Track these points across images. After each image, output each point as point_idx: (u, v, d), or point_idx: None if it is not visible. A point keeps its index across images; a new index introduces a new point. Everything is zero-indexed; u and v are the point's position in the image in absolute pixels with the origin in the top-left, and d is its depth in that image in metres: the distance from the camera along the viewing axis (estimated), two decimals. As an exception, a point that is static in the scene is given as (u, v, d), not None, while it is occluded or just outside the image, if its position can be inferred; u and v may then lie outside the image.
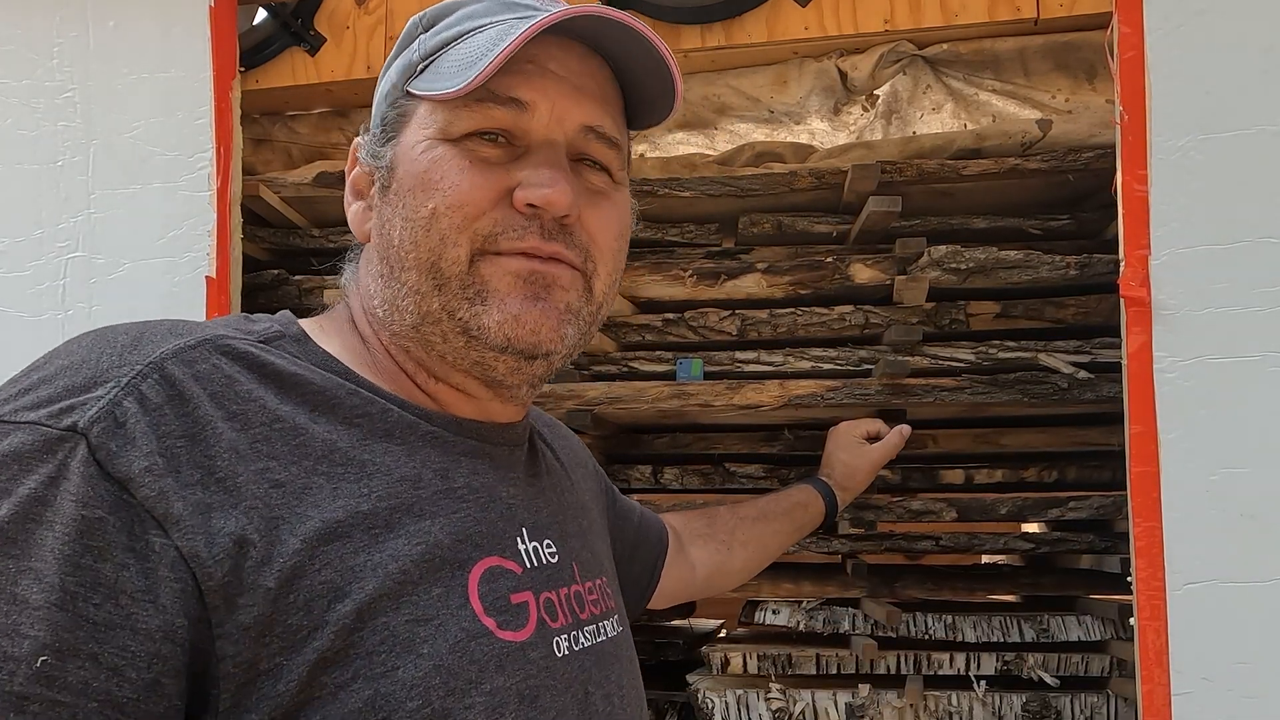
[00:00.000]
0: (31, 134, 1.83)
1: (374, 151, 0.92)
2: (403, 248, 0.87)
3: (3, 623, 0.65)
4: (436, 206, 0.85)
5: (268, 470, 0.75)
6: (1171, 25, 1.49)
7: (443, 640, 0.78)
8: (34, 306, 1.80)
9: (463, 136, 0.87)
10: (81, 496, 0.68)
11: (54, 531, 0.67)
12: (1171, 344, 1.46)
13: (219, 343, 0.80)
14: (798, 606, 1.89)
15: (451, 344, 0.88)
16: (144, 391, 0.73)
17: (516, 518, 0.92)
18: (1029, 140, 1.75)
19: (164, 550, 0.69)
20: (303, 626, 0.72)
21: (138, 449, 0.70)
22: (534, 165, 0.87)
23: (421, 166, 0.87)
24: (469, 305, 0.86)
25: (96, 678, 0.66)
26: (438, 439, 0.89)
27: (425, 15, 0.93)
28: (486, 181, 0.86)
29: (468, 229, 0.85)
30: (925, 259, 1.74)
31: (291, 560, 0.73)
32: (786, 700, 1.79)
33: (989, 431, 1.91)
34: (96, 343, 0.76)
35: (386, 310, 0.90)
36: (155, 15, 1.81)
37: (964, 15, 1.73)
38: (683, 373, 1.85)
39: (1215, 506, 1.43)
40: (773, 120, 1.93)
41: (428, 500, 0.83)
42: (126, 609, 0.68)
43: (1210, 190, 1.47)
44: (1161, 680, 1.42)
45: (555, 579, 0.93)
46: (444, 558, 0.82)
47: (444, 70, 0.87)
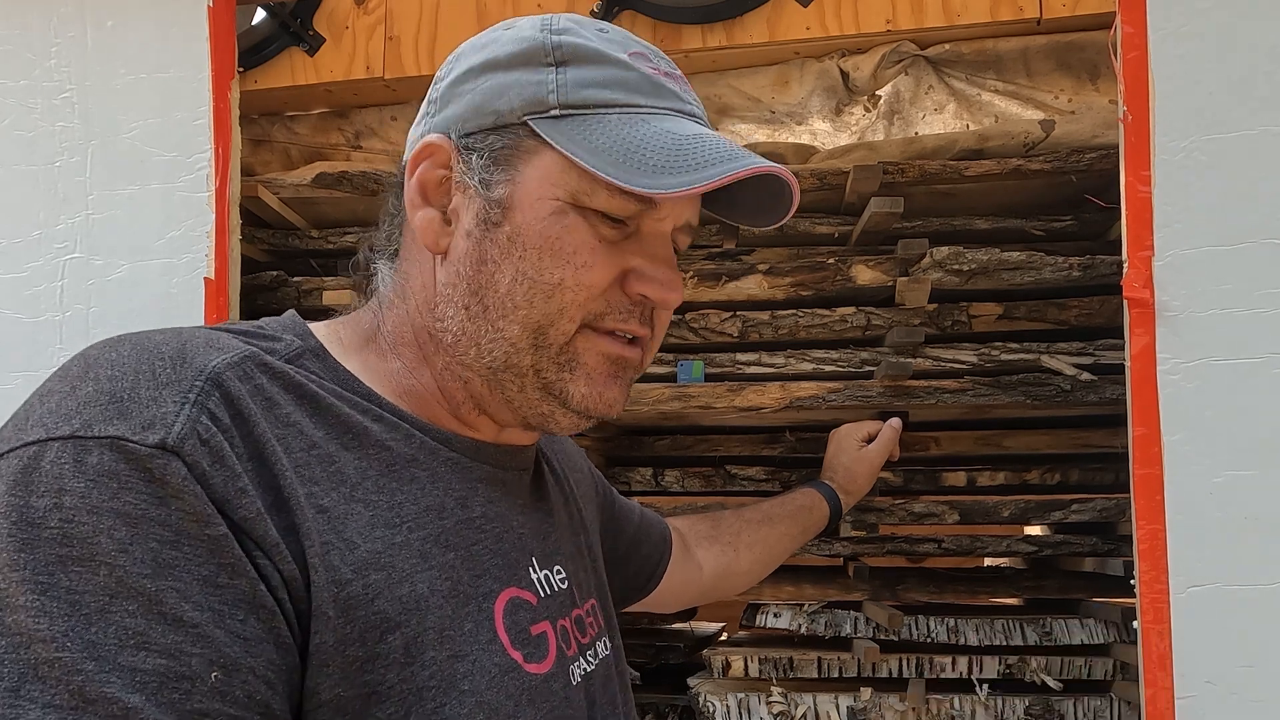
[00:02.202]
0: (29, 134, 1.82)
1: (483, 178, 0.88)
2: (512, 299, 0.87)
3: (164, 643, 0.65)
4: (565, 280, 0.86)
5: (313, 495, 0.76)
6: (1175, 25, 1.48)
7: (481, 676, 0.80)
8: (31, 308, 1.79)
9: (591, 209, 0.87)
10: (198, 514, 0.68)
11: (183, 551, 0.67)
12: (1175, 345, 1.45)
13: (259, 359, 0.80)
14: (799, 609, 1.88)
15: (527, 395, 0.91)
16: (212, 408, 0.72)
17: (527, 547, 0.94)
18: (1032, 141, 1.75)
19: (269, 572, 0.71)
20: (358, 657, 0.74)
21: (226, 469, 0.71)
22: (649, 257, 0.90)
23: (553, 232, 0.86)
24: (558, 370, 0.89)
25: (259, 689, 0.68)
26: (457, 465, 0.90)
27: (554, 44, 0.88)
28: (610, 264, 0.88)
29: (585, 307, 0.88)
30: (927, 260, 1.73)
31: (346, 589, 0.74)
32: (788, 704, 1.78)
33: (991, 434, 1.90)
34: (137, 354, 0.75)
35: (464, 344, 0.90)
36: (153, 15, 1.80)
37: (966, 15, 1.73)
38: (684, 374, 1.84)
39: (1219, 509, 1.43)
40: (774, 121, 1.93)
41: (451, 531, 0.85)
42: (268, 623, 0.70)
43: (1214, 191, 1.46)
44: (1165, 684, 1.41)
45: (565, 606, 0.95)
46: (468, 591, 0.83)
47: (601, 145, 0.84)
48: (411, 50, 1.91)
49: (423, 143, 0.91)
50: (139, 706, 0.63)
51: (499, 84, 0.88)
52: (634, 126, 0.86)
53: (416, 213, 0.91)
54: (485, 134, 0.88)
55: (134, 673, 0.64)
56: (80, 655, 0.63)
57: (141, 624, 0.65)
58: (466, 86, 0.90)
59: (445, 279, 0.91)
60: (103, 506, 0.66)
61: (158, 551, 0.66)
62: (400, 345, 0.93)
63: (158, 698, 0.64)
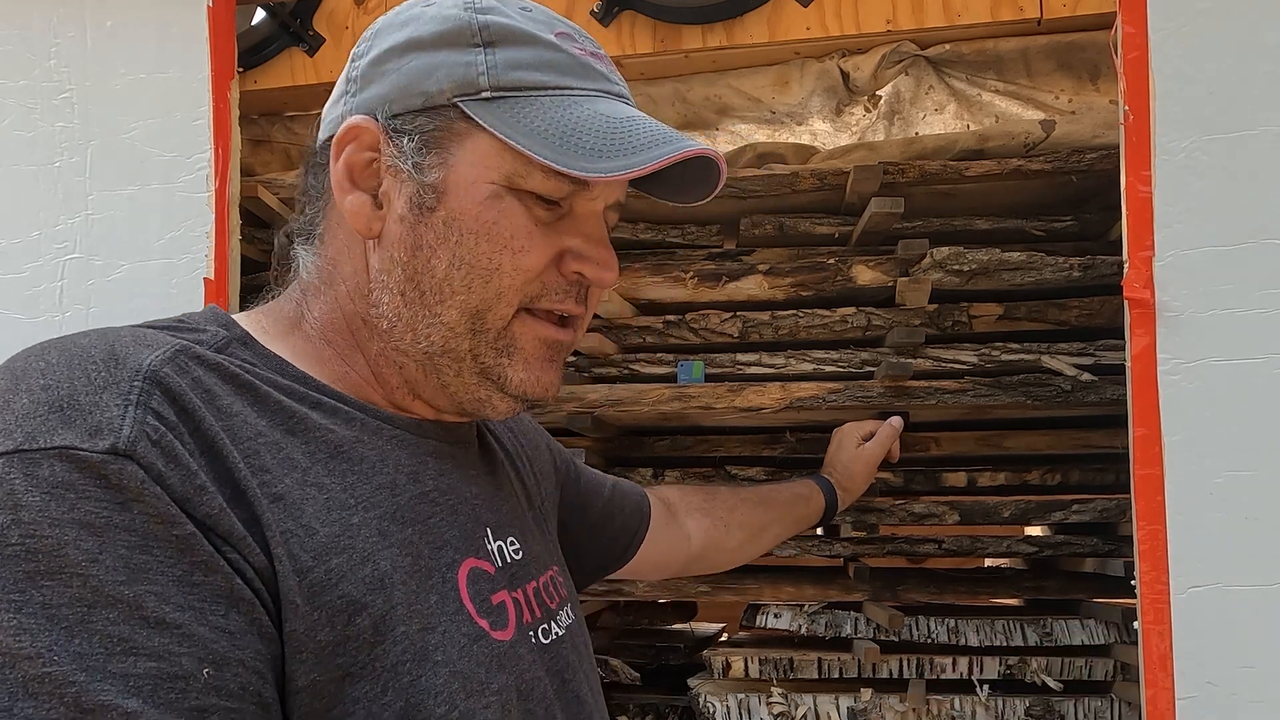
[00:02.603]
0: (29, 135, 1.82)
1: (415, 161, 0.86)
2: (449, 284, 0.86)
3: (152, 646, 0.65)
4: (502, 265, 0.86)
5: (266, 484, 0.75)
6: (1176, 25, 1.48)
7: (452, 646, 0.81)
8: (31, 308, 1.79)
9: (525, 191, 0.87)
10: (162, 516, 0.68)
11: (154, 554, 0.67)
12: (1176, 346, 1.45)
13: (191, 352, 0.78)
14: (799, 610, 1.88)
15: (464, 380, 0.90)
16: (156, 408, 0.71)
17: (481, 518, 0.94)
18: (1032, 141, 1.75)
19: (241, 565, 0.71)
20: (329, 641, 0.74)
21: (182, 467, 0.70)
22: (585, 237, 0.91)
23: (490, 216, 0.86)
24: (496, 355, 0.89)
25: (251, 680, 0.69)
26: (403, 441, 0.90)
27: (480, 24, 0.87)
28: (546, 246, 0.88)
29: (523, 290, 0.88)
30: (928, 260, 1.73)
31: (309, 576, 0.74)
32: (788, 704, 1.78)
33: (992, 434, 1.90)
34: (67, 359, 0.73)
35: (399, 329, 0.89)
36: (153, 16, 1.80)
37: (966, 15, 1.72)
38: (684, 375, 1.84)
39: (1220, 509, 1.43)
40: (774, 121, 1.93)
41: (406, 506, 0.85)
42: (248, 615, 0.70)
43: (1215, 191, 1.46)
44: (1165, 684, 1.41)
45: (522, 576, 0.95)
46: (430, 564, 0.84)
47: (535, 128, 0.84)
48: (411, 50, 1.91)
49: (347, 124, 0.89)
50: (138, 710, 0.63)
51: (425, 64, 0.87)
52: (567, 109, 0.85)
53: (346, 197, 0.89)
54: (414, 115, 0.87)
55: (127, 678, 0.64)
56: (70, 668, 0.62)
57: (125, 630, 0.64)
58: (389, 66, 0.89)
59: (379, 264, 0.89)
60: (63, 518, 0.65)
61: (128, 557, 0.66)
62: (330, 332, 0.92)
63: (155, 699, 0.64)
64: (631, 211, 1.90)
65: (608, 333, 1.89)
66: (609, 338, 1.88)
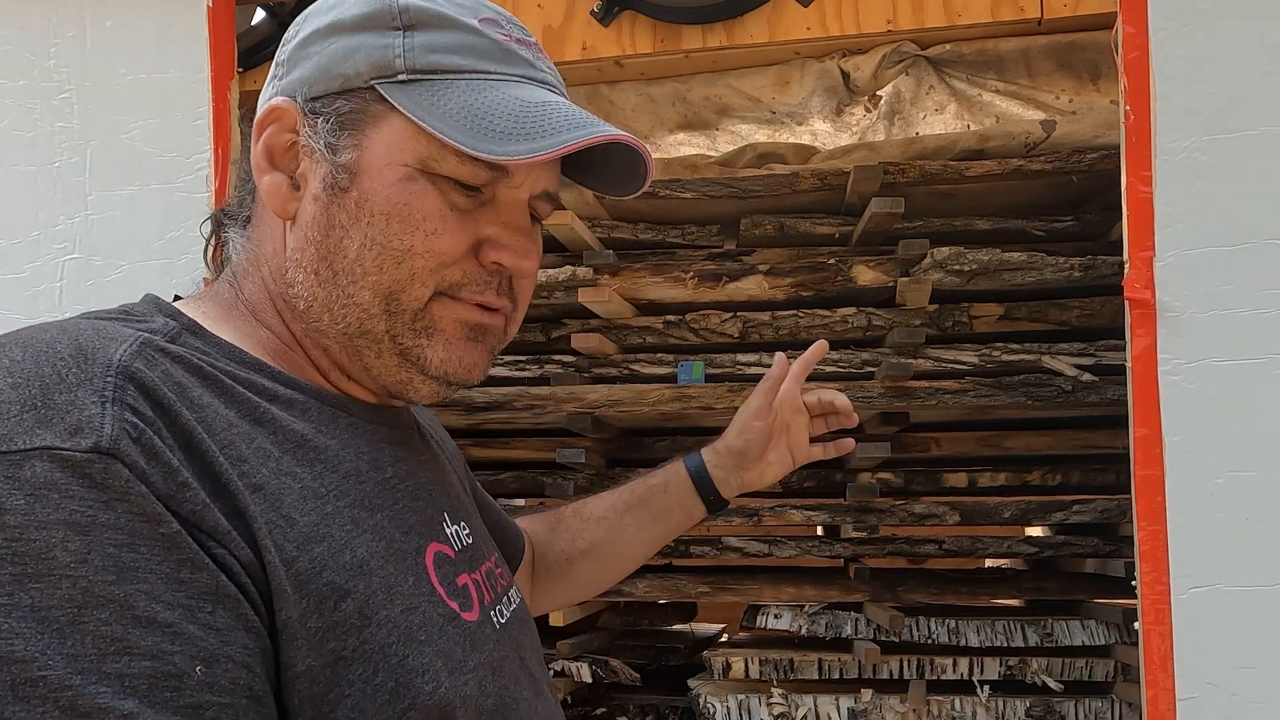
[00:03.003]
0: (28, 135, 1.82)
1: (328, 142, 0.86)
2: (360, 264, 0.86)
3: (145, 645, 0.64)
4: (414, 246, 0.85)
5: (245, 475, 0.75)
6: (1176, 25, 1.48)
7: (432, 626, 0.82)
8: (30, 309, 1.79)
9: (441, 175, 0.86)
10: (148, 514, 0.67)
11: (141, 553, 0.66)
12: (1176, 346, 1.45)
13: (154, 344, 0.77)
14: (800, 611, 1.88)
15: (385, 361, 0.89)
16: (133, 404, 0.71)
17: (438, 502, 0.95)
18: (1032, 141, 1.74)
19: (228, 561, 0.70)
20: (319, 628, 0.74)
21: (163, 464, 0.69)
22: (504, 225, 0.89)
23: (401, 197, 0.85)
24: (415, 337, 0.88)
25: (241, 675, 0.68)
26: (358, 429, 0.90)
27: (401, 7, 0.87)
28: (463, 232, 0.87)
29: (438, 274, 0.87)
30: (928, 261, 1.73)
31: (295, 565, 0.74)
32: (788, 705, 1.78)
33: (992, 434, 1.90)
34: (33, 356, 0.72)
35: (315, 309, 0.88)
36: (153, 16, 1.80)
37: (967, 15, 1.72)
38: (684, 375, 1.84)
39: (1221, 510, 1.43)
40: (775, 121, 1.92)
41: (372, 494, 0.85)
42: (235, 611, 0.69)
43: (1215, 191, 1.46)
44: (1166, 685, 1.41)
45: (475, 559, 0.97)
46: (402, 548, 0.84)
47: (448, 111, 0.84)
48: (411, 50, 1.91)
49: (268, 106, 0.89)
50: (135, 711, 0.62)
51: (345, 47, 0.87)
52: (482, 93, 0.85)
53: (263, 177, 0.89)
54: (332, 98, 0.86)
55: (122, 678, 0.63)
56: (64, 670, 0.62)
57: (118, 630, 0.64)
58: (313, 49, 0.88)
59: (294, 244, 0.89)
60: (49, 519, 0.64)
61: (116, 556, 0.65)
62: (260, 312, 0.91)
63: (150, 698, 0.63)
64: (632, 211, 1.90)
65: (608, 333, 1.89)
66: (609, 338, 1.88)
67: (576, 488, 1.96)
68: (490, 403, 1.87)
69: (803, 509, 1.89)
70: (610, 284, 1.83)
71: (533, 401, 1.87)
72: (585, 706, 2.03)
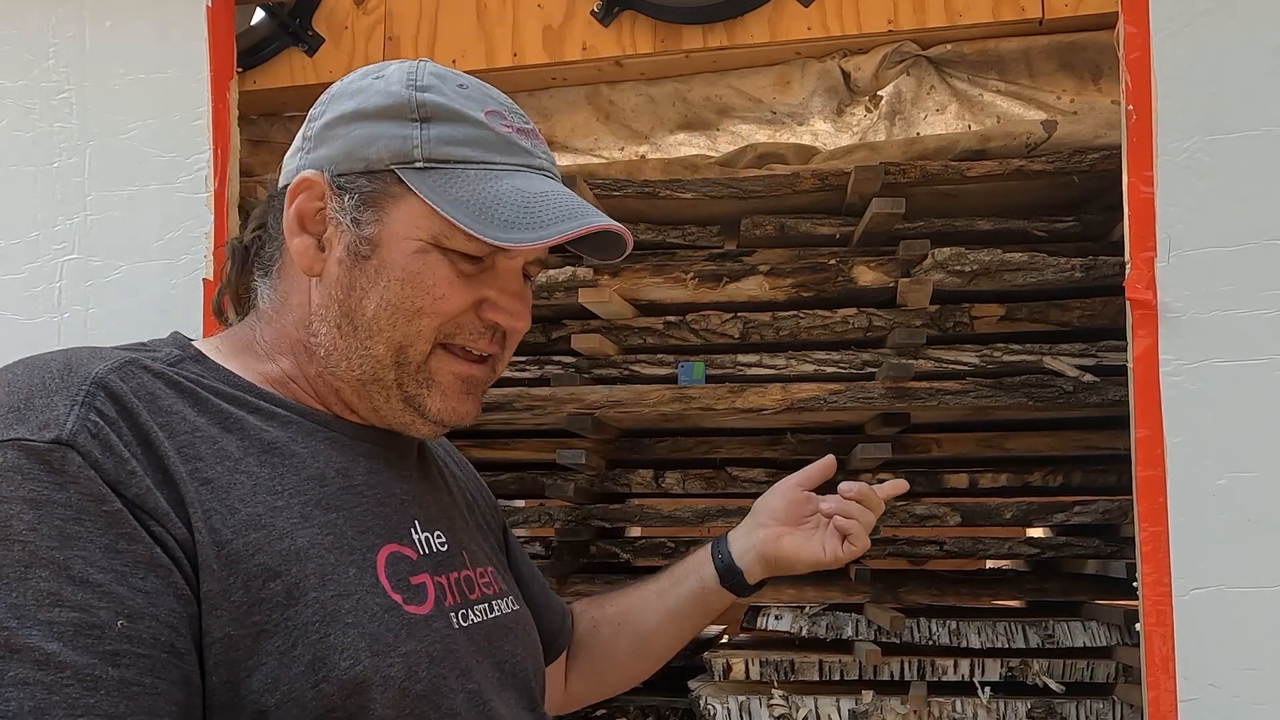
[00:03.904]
0: (27, 135, 1.82)
1: (354, 216, 1.00)
2: (377, 323, 1.01)
3: (77, 599, 0.79)
4: (424, 308, 1.00)
5: (196, 471, 0.89)
6: (1177, 25, 1.48)
7: (363, 611, 0.93)
8: (29, 309, 1.79)
9: (450, 249, 1.00)
10: (95, 495, 0.82)
11: (85, 526, 0.81)
12: (1177, 347, 1.45)
13: (139, 363, 0.93)
14: (800, 612, 1.87)
15: (391, 405, 1.05)
16: (99, 407, 0.86)
17: (409, 511, 1.06)
18: (1034, 141, 1.74)
19: (164, 537, 0.85)
20: (244, 602, 0.87)
21: (115, 455, 0.84)
22: (501, 290, 1.04)
23: (415, 268, 1.00)
24: (417, 386, 1.04)
25: (162, 632, 0.82)
26: (336, 442, 1.03)
27: (419, 102, 1.01)
28: (465, 295, 1.02)
29: (439, 329, 1.02)
30: (929, 261, 1.73)
31: (227, 547, 0.88)
32: (789, 706, 1.78)
33: (993, 435, 1.90)
34: (29, 371, 0.89)
35: (335, 357, 1.03)
36: (152, 15, 1.80)
37: (968, 15, 1.72)
38: (684, 376, 1.84)
39: (1222, 511, 1.42)
40: (775, 121, 1.92)
41: (333, 496, 0.98)
42: (165, 579, 0.83)
43: (1217, 192, 1.46)
44: (1168, 686, 1.41)
45: (446, 564, 1.07)
46: (352, 544, 0.96)
47: (459, 198, 0.98)
48: (411, 51, 1.90)
49: (300, 177, 1.03)
50: (57, 651, 0.77)
51: (368, 134, 1.01)
52: (488, 183, 1.00)
53: (294, 239, 1.03)
54: (356, 176, 1.01)
55: (51, 625, 0.78)
56: (5, 615, 0.77)
57: (54, 586, 0.79)
58: (339, 131, 1.03)
59: (319, 300, 1.03)
60: (11, 496, 0.80)
61: (62, 528, 0.80)
62: (278, 353, 1.06)
63: (74, 643, 0.78)
64: (632, 212, 1.89)
65: (608, 334, 1.88)
66: (609, 339, 1.88)
67: (576, 489, 1.95)
68: (490, 403, 1.87)
69: (803, 510, 1.88)
70: (610, 285, 1.83)
71: (533, 402, 1.87)
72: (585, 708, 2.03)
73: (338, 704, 0.88)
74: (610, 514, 2.01)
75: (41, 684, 0.76)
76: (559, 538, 2.03)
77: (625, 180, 1.85)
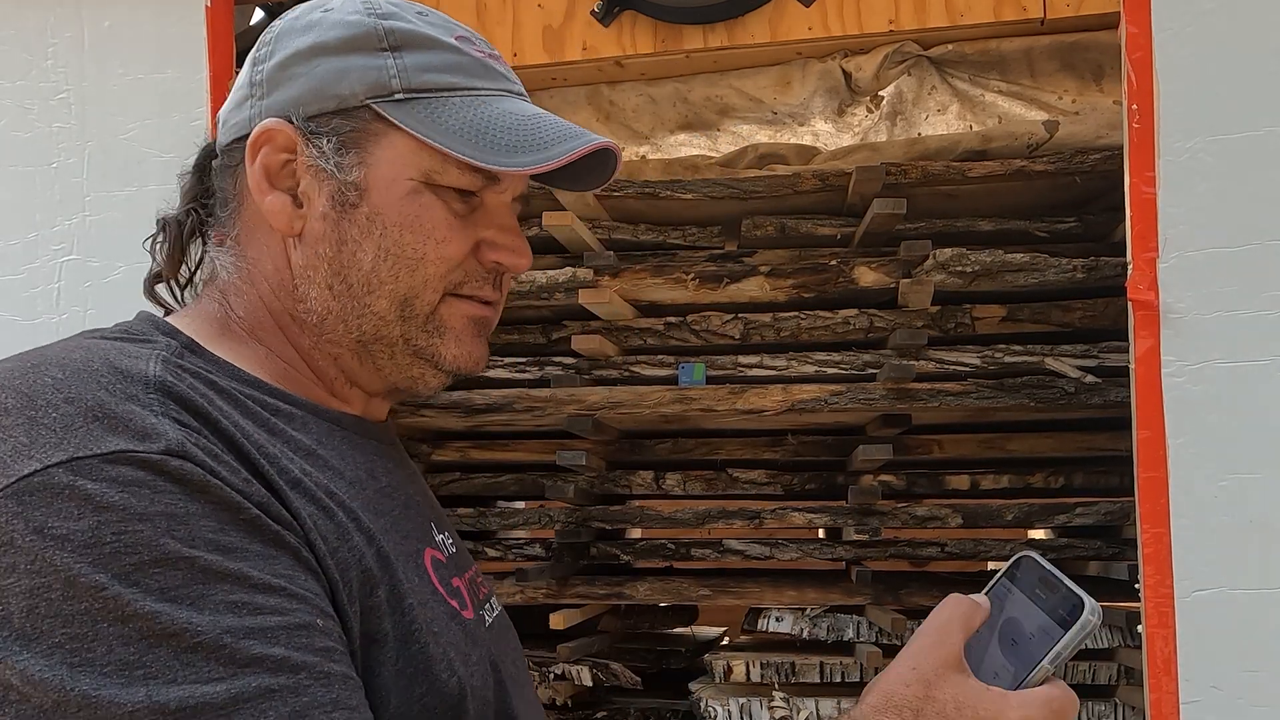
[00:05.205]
0: (26, 135, 1.82)
1: (336, 162, 0.91)
2: (376, 276, 0.92)
3: (271, 604, 0.72)
4: (427, 255, 0.92)
5: (284, 472, 0.82)
6: (1180, 25, 1.48)
7: (440, 620, 0.88)
8: (28, 310, 1.79)
9: (442, 186, 0.93)
10: (228, 503, 0.74)
11: (233, 536, 0.73)
12: (1180, 348, 1.44)
13: (170, 361, 0.83)
14: (801, 614, 1.87)
15: (397, 361, 0.96)
16: (176, 415, 0.77)
17: (425, 512, 1.02)
18: (1035, 142, 1.74)
19: (296, 543, 0.78)
20: (359, 611, 0.81)
21: (223, 463, 0.76)
22: (499, 228, 0.97)
23: (412, 210, 0.92)
24: (428, 337, 0.95)
25: (340, 633, 0.77)
26: (351, 442, 0.95)
27: (385, 30, 0.93)
28: (465, 237, 0.94)
29: (446, 278, 0.94)
30: (930, 262, 1.72)
31: (337, 555, 0.81)
32: (790, 709, 1.78)
33: (995, 436, 1.90)
34: (72, 375, 0.76)
35: (330, 322, 0.94)
36: (151, 15, 1.79)
37: (970, 15, 1.71)
38: (685, 377, 1.83)
39: (1224, 513, 1.42)
40: (776, 121, 1.92)
41: (372, 500, 0.91)
42: (319, 583, 0.78)
43: (1219, 193, 1.46)
44: (1169, 688, 1.40)
45: (460, 565, 1.03)
46: (404, 550, 0.91)
47: (452, 127, 0.90)
48: (411, 51, 1.90)
49: (260, 128, 0.92)
50: (285, 655, 0.71)
51: (335, 68, 0.92)
52: (478, 109, 0.92)
53: (265, 198, 0.93)
54: (329, 117, 0.92)
55: (264, 631, 0.71)
56: (215, 632, 0.69)
57: (245, 596, 0.71)
58: (297, 70, 0.93)
59: (303, 261, 0.94)
60: (149, 512, 0.70)
61: (216, 540, 0.72)
62: (259, 330, 0.96)
63: (292, 645, 0.71)
64: (632, 213, 1.89)
65: (608, 335, 1.88)
66: (609, 340, 1.88)
67: (576, 490, 1.95)
68: (490, 405, 1.86)
69: (804, 511, 1.88)
70: (611, 285, 1.83)
71: (533, 403, 1.86)
72: (585, 710, 2.03)
73: (439, 717, 0.84)
74: (610, 515, 2.00)
75: (287, 689, 0.70)
76: (559, 539, 2.02)
77: (626, 181, 1.84)
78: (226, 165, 0.97)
